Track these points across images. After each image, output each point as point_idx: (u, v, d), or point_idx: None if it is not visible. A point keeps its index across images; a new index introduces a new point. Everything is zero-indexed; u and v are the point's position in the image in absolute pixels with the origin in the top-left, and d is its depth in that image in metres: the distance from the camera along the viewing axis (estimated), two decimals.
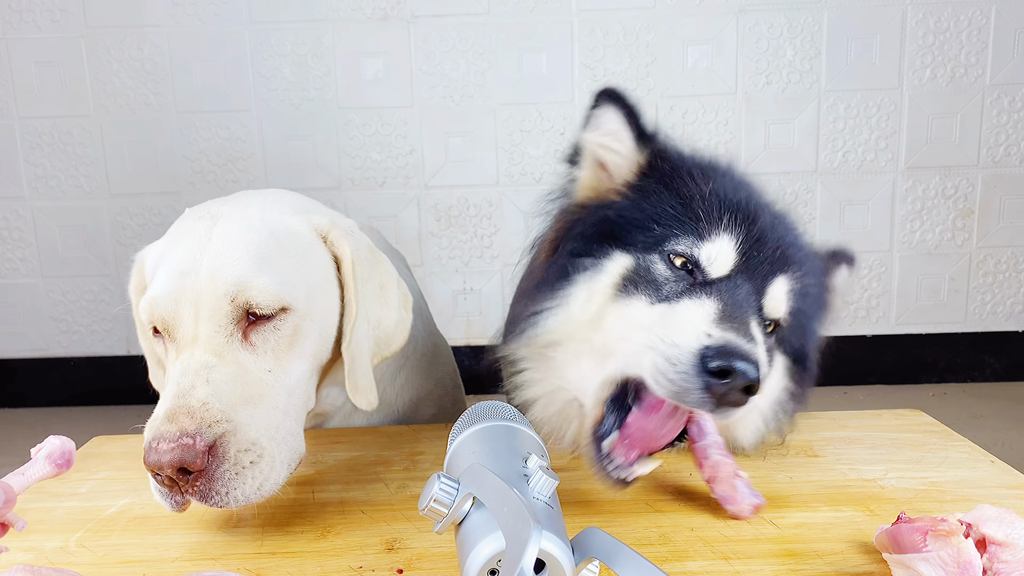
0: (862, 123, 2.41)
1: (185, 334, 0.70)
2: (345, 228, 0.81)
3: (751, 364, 0.61)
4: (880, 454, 0.85)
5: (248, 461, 0.66)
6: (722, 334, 0.64)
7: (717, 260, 0.71)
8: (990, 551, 0.55)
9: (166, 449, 0.62)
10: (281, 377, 0.72)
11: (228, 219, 0.74)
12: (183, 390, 0.66)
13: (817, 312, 0.80)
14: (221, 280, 0.69)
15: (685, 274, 0.71)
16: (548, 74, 2.37)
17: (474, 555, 0.47)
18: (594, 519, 0.71)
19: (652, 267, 0.71)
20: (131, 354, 2.55)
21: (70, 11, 2.34)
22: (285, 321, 0.72)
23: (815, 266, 0.79)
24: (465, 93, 2.39)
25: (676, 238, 0.71)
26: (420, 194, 2.45)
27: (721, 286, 0.70)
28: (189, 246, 0.72)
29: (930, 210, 2.47)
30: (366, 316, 0.81)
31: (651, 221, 0.73)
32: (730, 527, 0.69)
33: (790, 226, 0.78)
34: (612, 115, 0.79)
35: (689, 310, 0.68)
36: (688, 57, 2.37)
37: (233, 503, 0.66)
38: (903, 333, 2.54)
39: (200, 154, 2.42)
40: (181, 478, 0.64)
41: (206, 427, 0.64)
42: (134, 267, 0.82)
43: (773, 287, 0.72)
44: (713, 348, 0.62)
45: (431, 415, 1.05)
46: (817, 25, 2.35)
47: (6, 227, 2.47)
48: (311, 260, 0.77)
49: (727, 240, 0.71)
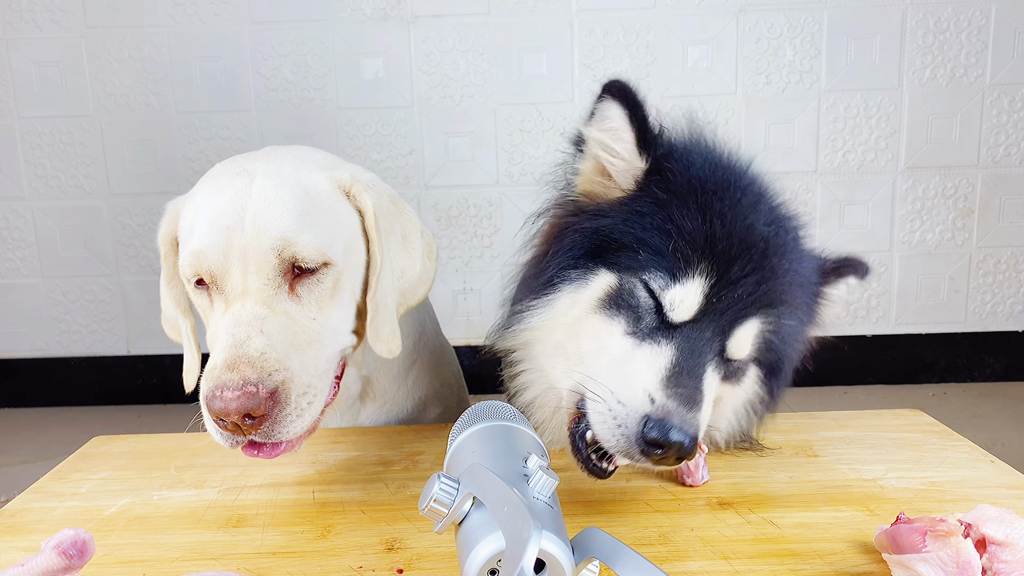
0: (862, 123, 2.41)
1: (234, 287, 0.73)
2: (367, 182, 0.83)
3: (687, 436, 0.64)
4: (880, 454, 0.85)
5: (306, 403, 0.72)
6: (664, 401, 0.65)
7: (681, 306, 0.69)
8: (990, 551, 0.55)
9: (231, 397, 0.66)
10: (325, 323, 0.77)
11: (264, 176, 0.76)
12: (239, 340, 0.69)
13: (796, 340, 0.78)
14: (267, 235, 0.72)
15: (658, 309, 0.70)
16: (548, 74, 2.37)
17: (474, 555, 0.47)
18: (594, 519, 0.71)
19: (634, 291, 0.72)
20: (131, 354, 2.55)
21: (70, 11, 2.34)
22: (327, 274, 0.76)
23: (801, 295, 0.76)
24: (465, 93, 2.39)
25: (653, 271, 0.71)
26: (420, 194, 2.45)
27: (683, 332, 0.69)
28: (231, 201, 0.74)
29: (930, 210, 2.47)
30: (391, 266, 0.83)
31: (638, 245, 0.72)
32: (730, 527, 0.69)
33: (787, 248, 0.75)
34: (615, 111, 0.76)
35: (645, 360, 0.69)
36: (688, 57, 2.37)
37: (289, 436, 0.71)
38: (903, 333, 2.54)
39: (200, 154, 2.42)
40: (244, 422, 0.68)
41: (266, 376, 0.68)
42: (164, 216, 0.83)
43: (740, 331, 0.71)
44: (653, 419, 0.64)
45: (437, 414, 1.06)
46: (817, 25, 2.35)
47: (6, 227, 2.47)
48: (341, 216, 0.80)
49: (697, 285, 0.69)
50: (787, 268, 0.74)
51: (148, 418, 2.44)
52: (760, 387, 0.79)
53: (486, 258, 2.49)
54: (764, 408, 0.81)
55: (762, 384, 0.79)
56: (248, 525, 0.72)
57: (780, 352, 0.76)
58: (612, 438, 0.66)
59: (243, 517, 0.74)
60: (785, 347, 0.76)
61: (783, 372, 0.79)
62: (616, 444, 0.66)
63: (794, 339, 0.77)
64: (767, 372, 0.78)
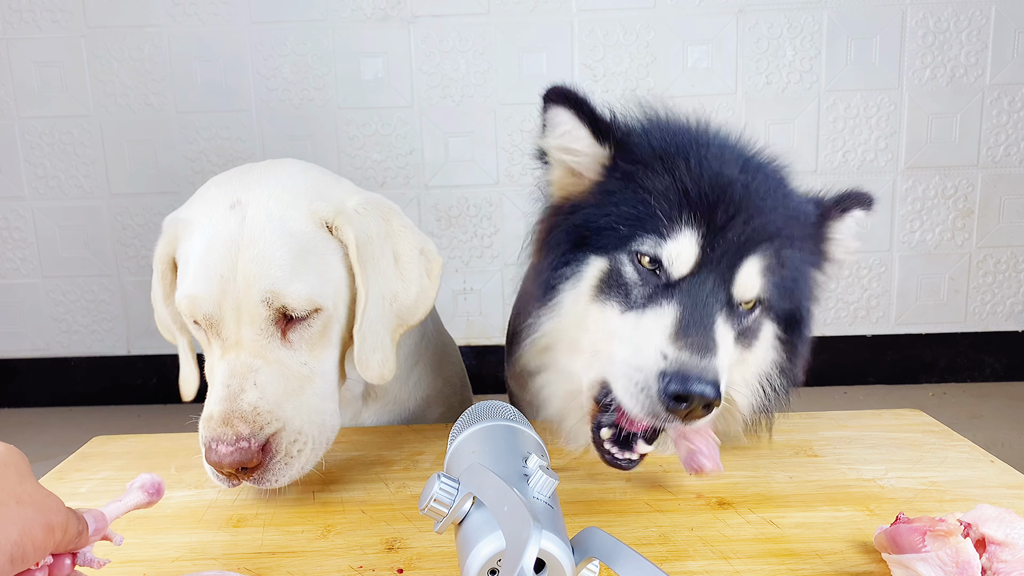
0: (862, 123, 2.41)
1: (229, 335, 0.76)
2: (353, 209, 0.81)
3: (708, 384, 0.63)
4: (880, 454, 0.85)
5: (296, 450, 0.75)
6: (676, 354, 0.65)
7: (678, 259, 0.70)
8: (990, 551, 0.55)
9: (225, 452, 0.71)
10: (316, 366, 0.79)
11: (255, 213, 0.76)
12: (233, 393, 0.73)
13: (806, 273, 0.77)
14: (258, 288, 0.74)
15: (652, 275, 0.71)
16: (548, 74, 2.37)
17: (474, 555, 0.47)
18: (594, 519, 0.71)
19: (623, 269, 0.72)
20: (131, 354, 2.55)
21: (70, 11, 2.34)
22: (317, 319, 0.78)
23: (799, 228, 0.75)
24: (465, 93, 2.39)
25: (640, 238, 0.71)
26: (420, 194, 2.45)
27: (684, 286, 0.69)
28: (224, 245, 0.75)
29: (930, 210, 2.47)
30: (379, 295, 0.82)
31: (617, 222, 0.72)
32: (730, 527, 0.69)
33: (769, 188, 0.74)
34: (564, 115, 0.77)
35: (651, 323, 0.69)
36: (688, 57, 2.37)
37: (281, 483, 0.75)
38: (903, 333, 2.54)
39: (200, 154, 2.42)
40: (238, 471, 0.72)
41: (259, 430, 0.72)
42: (163, 236, 0.82)
43: (741, 272, 0.71)
44: (669, 373, 0.64)
45: (440, 413, 1.06)
46: (817, 25, 2.35)
47: (6, 227, 2.47)
48: (327, 256, 0.80)
49: (688, 236, 0.70)
50: (773, 205, 0.73)
51: (148, 418, 2.44)
52: (779, 351, 0.78)
53: (486, 258, 2.49)
54: (784, 378, 0.79)
55: (781, 346, 0.78)
56: (248, 525, 0.72)
57: (791, 293, 0.75)
58: (637, 404, 0.66)
59: (243, 517, 0.74)
60: (795, 286, 0.75)
61: (801, 324, 0.78)
62: (642, 409, 0.66)
63: (802, 276, 0.76)
64: (784, 326, 0.77)
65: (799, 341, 0.79)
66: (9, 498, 0.47)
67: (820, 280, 0.81)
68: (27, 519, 0.47)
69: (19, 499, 0.47)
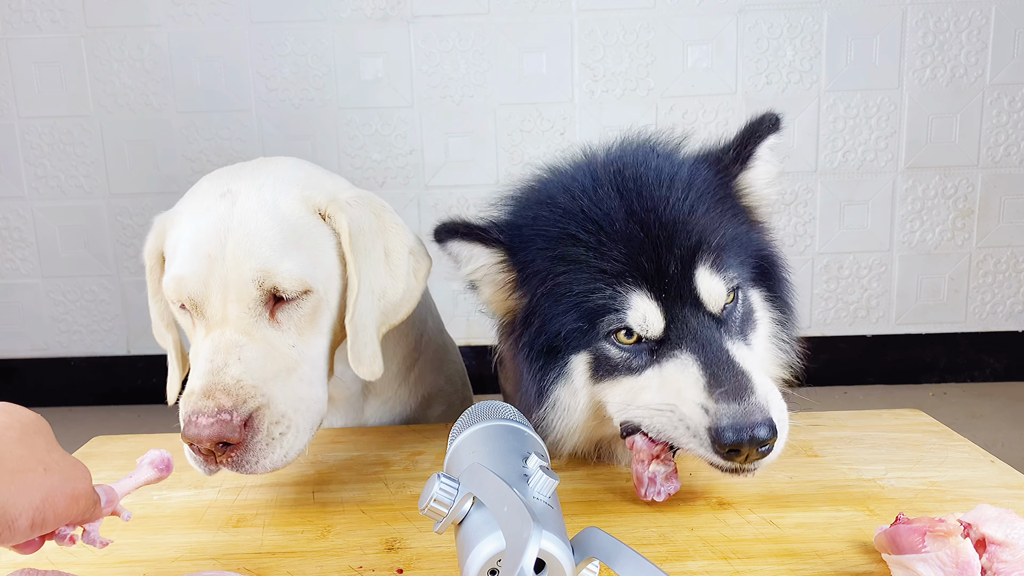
0: (862, 123, 2.41)
1: (214, 314, 0.73)
2: (346, 200, 0.81)
3: (759, 426, 0.62)
4: (880, 454, 0.85)
5: (278, 432, 0.71)
6: (716, 407, 0.64)
7: (647, 320, 0.69)
8: (990, 551, 0.55)
9: (205, 424, 0.67)
10: (304, 351, 0.77)
11: (247, 199, 0.76)
12: (217, 367, 0.70)
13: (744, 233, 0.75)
14: (248, 266, 0.73)
15: (639, 342, 0.70)
16: (548, 74, 2.37)
17: (474, 555, 0.47)
18: (594, 519, 0.71)
19: (608, 354, 0.72)
20: (131, 354, 2.55)
21: (70, 11, 2.34)
22: (307, 300, 0.77)
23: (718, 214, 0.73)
24: (465, 93, 2.39)
25: (602, 322, 0.70)
26: (420, 194, 2.45)
27: (676, 334, 0.69)
28: (214, 227, 0.74)
29: (930, 210, 2.47)
30: (370, 288, 0.82)
31: (576, 321, 0.72)
32: (730, 527, 0.69)
33: (667, 207, 0.71)
34: (457, 245, 0.79)
35: (676, 376, 0.68)
36: (688, 57, 2.37)
37: (261, 470, 0.70)
38: (903, 333, 2.54)
39: (200, 154, 2.42)
40: (218, 449, 0.68)
41: (241, 403, 0.68)
42: (152, 232, 0.83)
43: (701, 288, 0.69)
44: (715, 429, 0.63)
45: (441, 412, 1.06)
46: (817, 25, 2.35)
47: (6, 227, 2.47)
48: (320, 241, 0.79)
49: (639, 296, 0.69)
50: (677, 212, 0.71)
51: (148, 418, 2.44)
52: (771, 309, 0.78)
53: None
54: (785, 329, 0.79)
55: (771, 304, 0.77)
56: (248, 525, 0.72)
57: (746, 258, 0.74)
58: (690, 442, 0.66)
59: (243, 517, 0.74)
60: (745, 250, 0.74)
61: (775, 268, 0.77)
62: (696, 450, 0.66)
63: (743, 237, 0.75)
64: (764, 284, 0.76)
65: (781, 288, 0.78)
66: (38, 464, 0.48)
67: (764, 224, 0.80)
68: (52, 487, 0.48)
69: (47, 466, 0.49)
